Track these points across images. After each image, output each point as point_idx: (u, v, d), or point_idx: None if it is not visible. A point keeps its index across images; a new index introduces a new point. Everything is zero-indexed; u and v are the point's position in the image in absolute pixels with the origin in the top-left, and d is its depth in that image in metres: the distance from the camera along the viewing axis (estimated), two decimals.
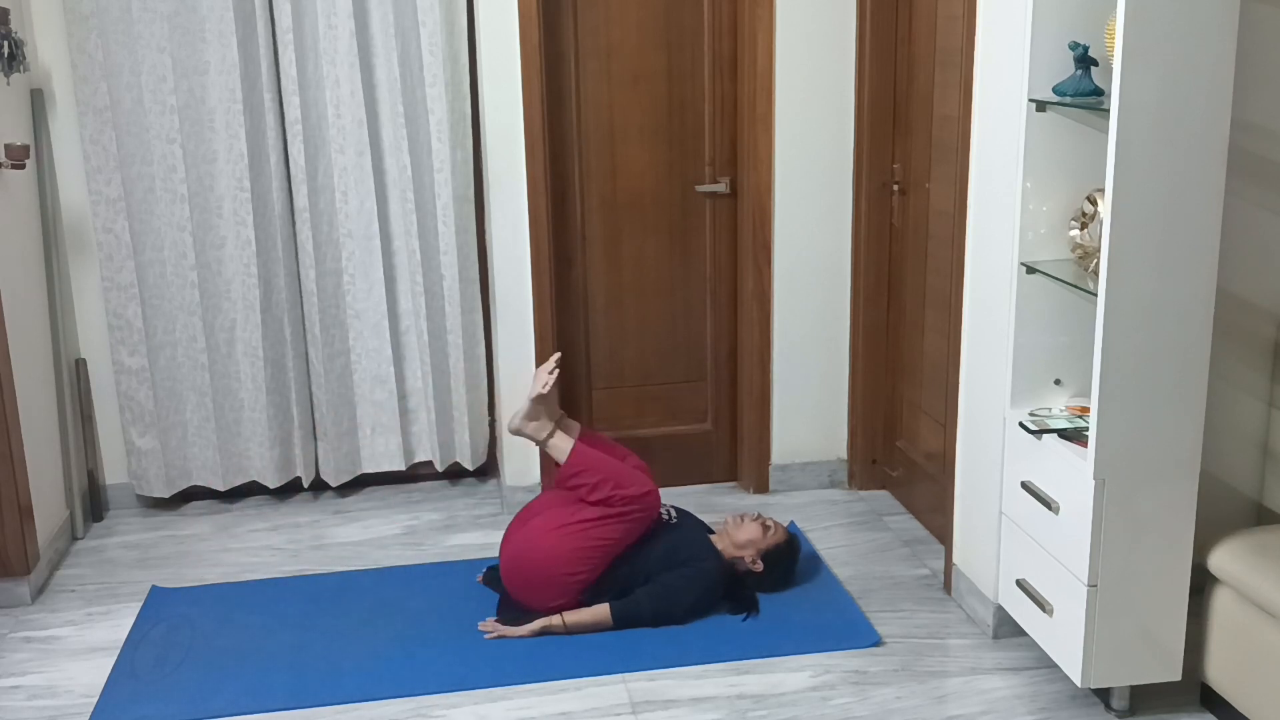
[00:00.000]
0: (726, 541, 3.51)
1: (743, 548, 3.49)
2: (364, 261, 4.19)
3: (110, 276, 4.07)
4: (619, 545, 3.38)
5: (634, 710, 3.03)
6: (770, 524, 3.55)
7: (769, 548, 3.50)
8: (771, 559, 3.51)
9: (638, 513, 3.39)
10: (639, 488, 3.39)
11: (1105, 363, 2.63)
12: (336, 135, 4.06)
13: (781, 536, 3.55)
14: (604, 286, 4.25)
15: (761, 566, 3.49)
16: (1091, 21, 2.79)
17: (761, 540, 3.50)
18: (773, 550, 3.51)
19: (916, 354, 4.06)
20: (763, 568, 3.50)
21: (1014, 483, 3.05)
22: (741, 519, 3.55)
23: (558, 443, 3.49)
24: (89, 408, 4.18)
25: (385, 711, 3.04)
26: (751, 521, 3.53)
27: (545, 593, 3.36)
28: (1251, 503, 3.23)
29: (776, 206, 4.13)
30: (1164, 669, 2.85)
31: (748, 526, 3.52)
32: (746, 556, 3.48)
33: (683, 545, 3.47)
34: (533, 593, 3.38)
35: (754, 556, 3.48)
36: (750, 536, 3.50)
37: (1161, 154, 2.54)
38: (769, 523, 3.55)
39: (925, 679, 3.14)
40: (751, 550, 3.49)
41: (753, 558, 3.48)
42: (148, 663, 3.27)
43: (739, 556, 3.49)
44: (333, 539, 4.06)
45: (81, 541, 4.07)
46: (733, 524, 3.54)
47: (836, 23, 4.02)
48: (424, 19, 3.98)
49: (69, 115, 3.97)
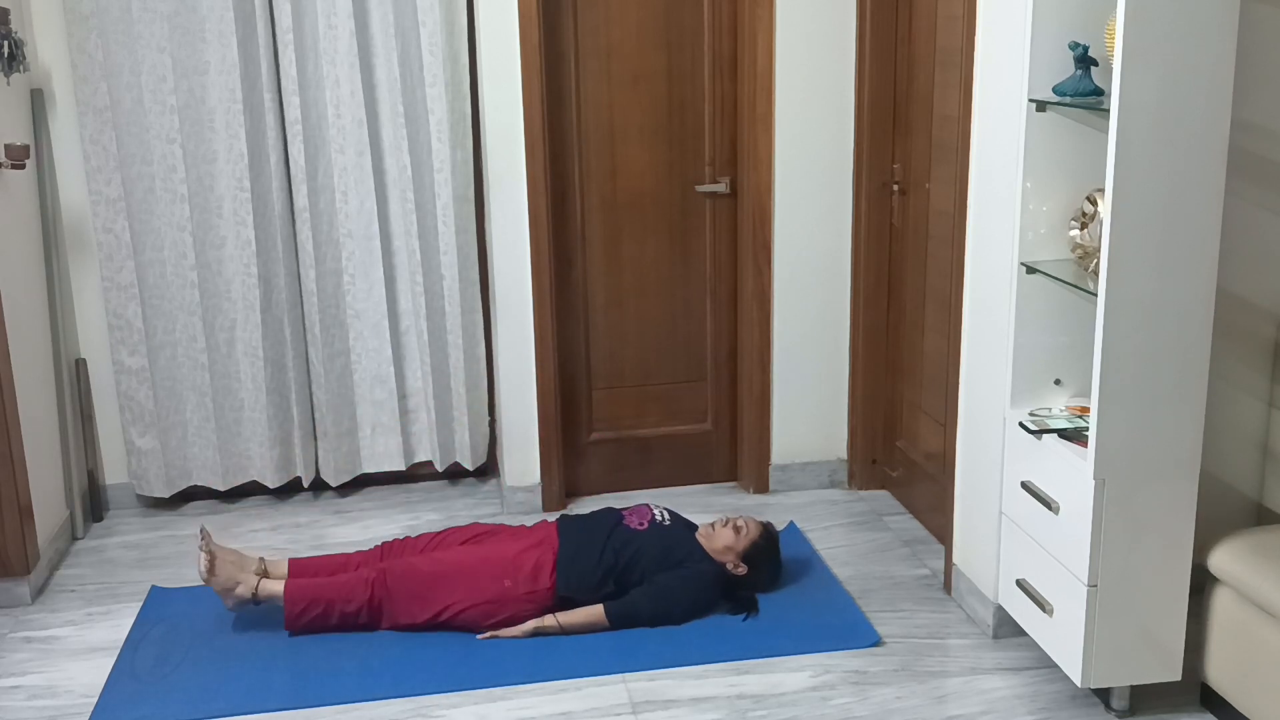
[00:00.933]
0: (713, 551, 3.49)
1: (722, 555, 3.47)
2: (364, 261, 4.19)
3: (110, 276, 4.07)
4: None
5: (634, 710, 3.03)
6: (741, 524, 3.51)
7: (745, 549, 3.48)
8: (751, 558, 3.49)
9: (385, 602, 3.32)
10: (359, 595, 3.31)
11: (1105, 363, 2.63)
12: (336, 135, 4.06)
13: (755, 534, 3.51)
14: (604, 286, 4.25)
15: (745, 569, 3.48)
16: (1091, 21, 2.79)
17: (736, 544, 3.47)
18: (749, 550, 3.48)
19: (916, 354, 4.06)
20: (746, 570, 3.48)
21: (1014, 483, 3.05)
22: (713, 527, 3.52)
23: (269, 586, 3.33)
24: (89, 408, 4.18)
25: (385, 711, 3.04)
26: (723, 528, 3.50)
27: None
28: (1251, 503, 3.23)
29: (776, 206, 4.13)
30: (1164, 669, 2.85)
31: (720, 534, 3.49)
32: (728, 563, 3.47)
33: (677, 546, 3.46)
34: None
35: (735, 561, 3.47)
36: (725, 543, 3.47)
37: (1161, 154, 2.54)
38: (739, 524, 3.51)
39: (925, 679, 3.14)
40: (731, 556, 3.47)
41: (734, 563, 3.47)
42: (148, 663, 3.27)
43: (723, 563, 3.48)
44: (333, 539, 4.06)
45: (81, 541, 4.07)
46: (705, 535, 3.51)
47: (836, 23, 4.03)
48: (424, 19, 3.98)
49: (69, 115, 3.97)
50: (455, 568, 3.37)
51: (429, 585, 3.33)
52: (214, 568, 3.29)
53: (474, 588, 3.32)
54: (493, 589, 3.31)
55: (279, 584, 3.33)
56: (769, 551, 3.56)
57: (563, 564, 3.36)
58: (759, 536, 3.52)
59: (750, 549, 3.49)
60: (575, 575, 3.36)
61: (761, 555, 3.52)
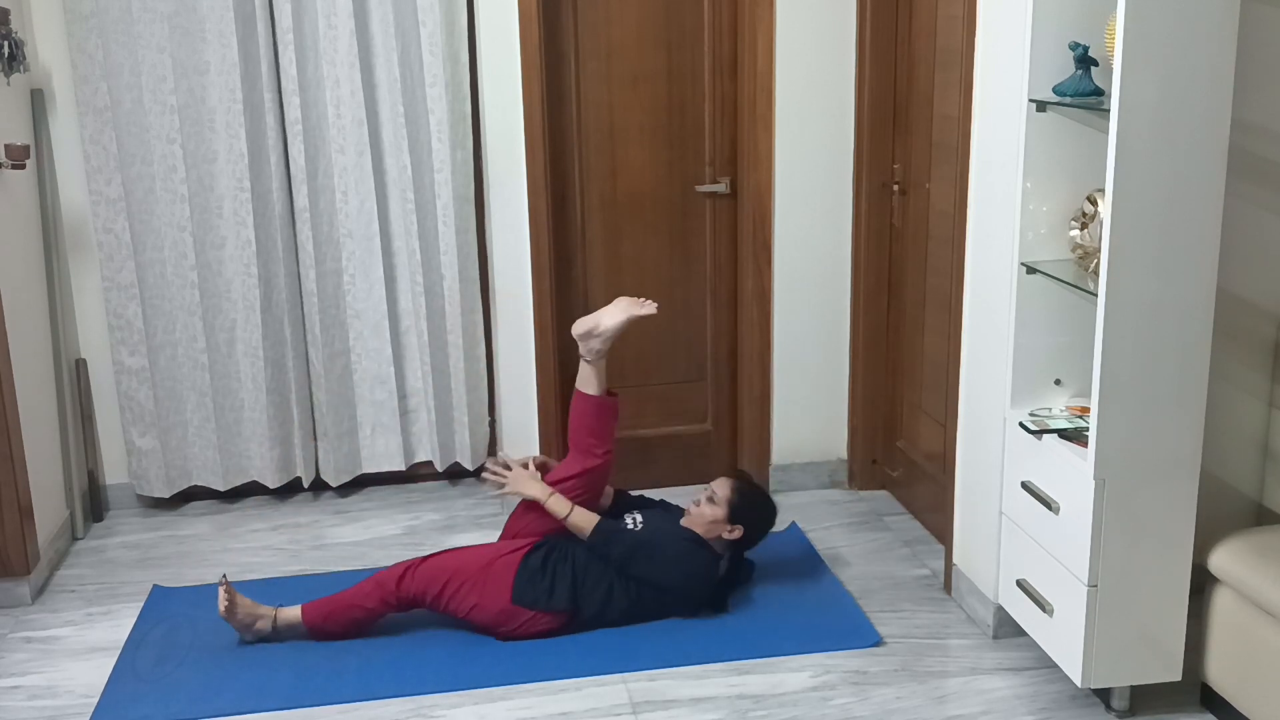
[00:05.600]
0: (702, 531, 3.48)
1: (713, 529, 3.46)
2: (364, 261, 4.19)
3: (110, 276, 4.07)
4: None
5: (634, 710, 3.03)
6: (710, 493, 3.49)
7: (728, 512, 3.46)
8: (739, 515, 3.47)
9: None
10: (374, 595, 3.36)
11: (1105, 363, 2.63)
12: (337, 135, 4.06)
13: (727, 491, 3.49)
14: (604, 286, 4.24)
15: (739, 530, 3.47)
16: (1091, 21, 2.79)
17: (718, 512, 3.45)
18: (732, 511, 3.46)
19: (916, 354, 4.06)
20: (741, 530, 3.47)
21: (1014, 483, 3.05)
22: (693, 508, 3.51)
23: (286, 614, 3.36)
24: (89, 408, 4.18)
25: (385, 711, 3.04)
26: (697, 507, 3.49)
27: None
28: (1251, 503, 3.23)
29: (776, 206, 4.13)
30: (1164, 669, 2.85)
31: (701, 511, 3.47)
32: (723, 533, 3.47)
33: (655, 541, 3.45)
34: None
35: (727, 529, 3.46)
36: (710, 517, 3.46)
37: (1161, 154, 2.54)
38: (710, 494, 3.49)
39: (925, 679, 3.15)
40: (721, 526, 3.46)
41: (728, 530, 3.46)
42: (148, 663, 3.27)
43: (717, 536, 3.47)
44: (333, 539, 4.06)
45: (82, 541, 4.07)
46: (690, 519, 3.50)
47: (836, 23, 4.03)
48: (424, 19, 3.98)
49: (69, 115, 3.97)
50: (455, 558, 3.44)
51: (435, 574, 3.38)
52: (234, 606, 3.30)
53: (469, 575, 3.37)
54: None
55: (296, 609, 3.35)
56: (751, 499, 3.54)
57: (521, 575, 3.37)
58: (732, 493, 3.49)
59: (732, 510, 3.47)
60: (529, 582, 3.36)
61: (746, 507, 3.50)
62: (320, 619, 3.32)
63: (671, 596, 3.40)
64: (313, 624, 3.32)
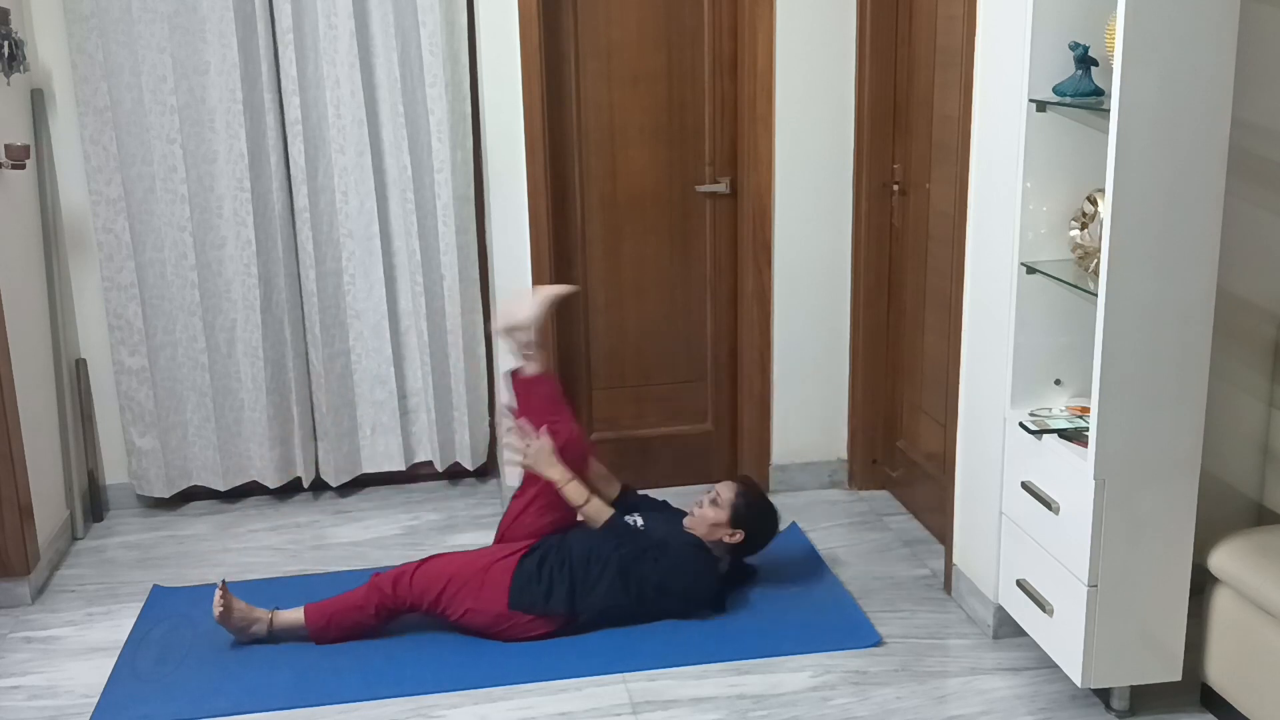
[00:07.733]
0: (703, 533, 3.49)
1: (714, 532, 3.46)
2: (364, 261, 4.19)
3: (110, 276, 4.07)
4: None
5: (634, 710, 3.03)
6: (714, 495, 3.50)
7: (730, 516, 3.46)
8: (741, 519, 3.47)
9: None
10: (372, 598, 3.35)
11: (1105, 363, 2.63)
12: (336, 135, 4.06)
13: (731, 495, 3.49)
14: (604, 286, 4.25)
15: (740, 534, 3.47)
16: (1091, 21, 2.79)
17: (720, 515, 3.46)
18: (734, 514, 3.47)
19: (916, 354, 4.06)
20: (742, 534, 3.47)
21: (1014, 483, 3.05)
22: (695, 509, 3.51)
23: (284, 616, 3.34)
24: (89, 408, 4.18)
25: (385, 711, 3.04)
26: (703, 508, 3.49)
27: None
28: (1251, 503, 3.23)
29: (776, 206, 4.13)
30: (1164, 669, 2.85)
31: (703, 514, 3.48)
32: (723, 536, 3.47)
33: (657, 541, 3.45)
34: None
35: (728, 532, 3.46)
36: (711, 520, 3.46)
37: (1161, 154, 2.54)
38: (715, 495, 3.50)
39: (925, 679, 3.15)
40: (722, 530, 3.46)
41: (728, 534, 3.46)
42: (148, 663, 3.27)
43: (718, 539, 3.48)
44: (333, 539, 4.06)
45: (82, 541, 4.07)
46: (692, 521, 3.50)
47: (836, 23, 4.03)
48: (424, 19, 3.98)
49: (69, 115, 3.97)
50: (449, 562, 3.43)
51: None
52: (229, 610, 3.29)
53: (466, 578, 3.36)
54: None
55: (297, 611, 3.34)
56: (755, 505, 3.54)
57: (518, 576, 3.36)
58: (736, 496, 3.50)
59: (734, 513, 3.47)
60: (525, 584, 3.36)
61: (749, 512, 3.50)
62: (322, 622, 3.32)
63: (672, 600, 3.40)
64: (315, 628, 3.32)
